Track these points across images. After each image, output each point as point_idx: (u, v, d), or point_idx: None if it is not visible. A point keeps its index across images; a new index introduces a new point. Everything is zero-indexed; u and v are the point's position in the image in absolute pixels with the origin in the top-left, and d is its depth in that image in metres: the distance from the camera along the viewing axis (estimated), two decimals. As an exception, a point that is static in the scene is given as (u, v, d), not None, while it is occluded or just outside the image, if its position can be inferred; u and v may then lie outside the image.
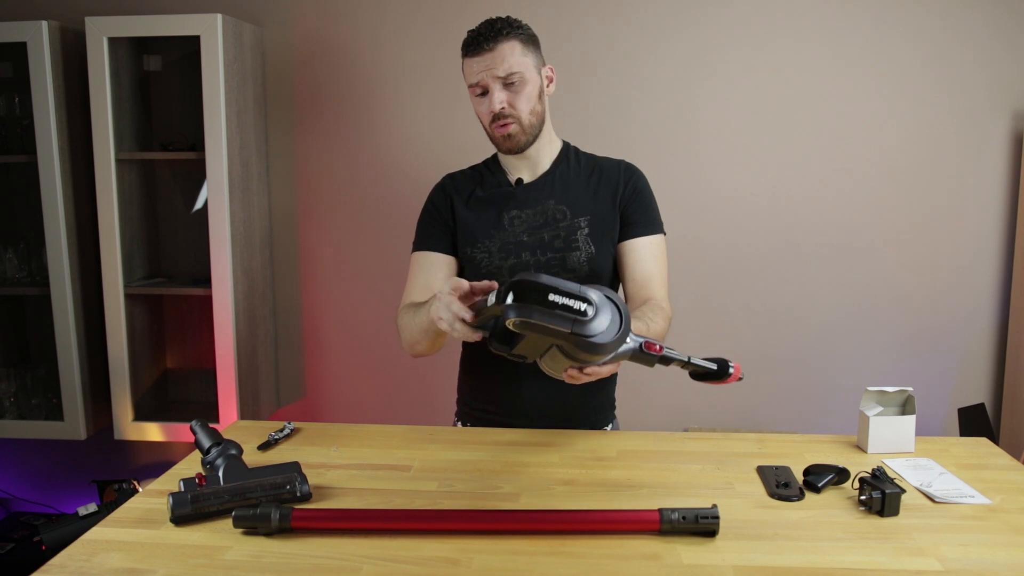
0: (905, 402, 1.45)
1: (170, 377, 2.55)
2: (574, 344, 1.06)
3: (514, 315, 1.04)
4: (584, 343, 1.05)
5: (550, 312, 1.03)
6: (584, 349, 1.06)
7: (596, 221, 1.53)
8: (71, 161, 2.27)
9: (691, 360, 1.18)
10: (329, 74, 2.39)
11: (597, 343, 1.05)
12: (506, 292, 1.07)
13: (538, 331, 1.05)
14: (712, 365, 1.19)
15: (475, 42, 1.46)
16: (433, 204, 1.61)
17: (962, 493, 1.24)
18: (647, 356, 1.15)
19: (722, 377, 1.18)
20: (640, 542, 1.08)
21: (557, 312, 1.03)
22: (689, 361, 1.17)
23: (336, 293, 2.49)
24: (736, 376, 1.18)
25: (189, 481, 1.17)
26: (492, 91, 1.47)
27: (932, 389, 2.36)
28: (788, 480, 1.27)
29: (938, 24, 2.23)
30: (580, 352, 1.08)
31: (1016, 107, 2.25)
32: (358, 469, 1.35)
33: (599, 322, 1.05)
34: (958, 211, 2.30)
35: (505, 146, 1.52)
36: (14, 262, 2.40)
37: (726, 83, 2.29)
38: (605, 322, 1.06)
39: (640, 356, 1.15)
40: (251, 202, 2.34)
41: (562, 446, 1.45)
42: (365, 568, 1.02)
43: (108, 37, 2.16)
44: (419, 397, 2.49)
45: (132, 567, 1.03)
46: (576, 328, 1.03)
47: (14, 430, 2.36)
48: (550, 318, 1.03)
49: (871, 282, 2.34)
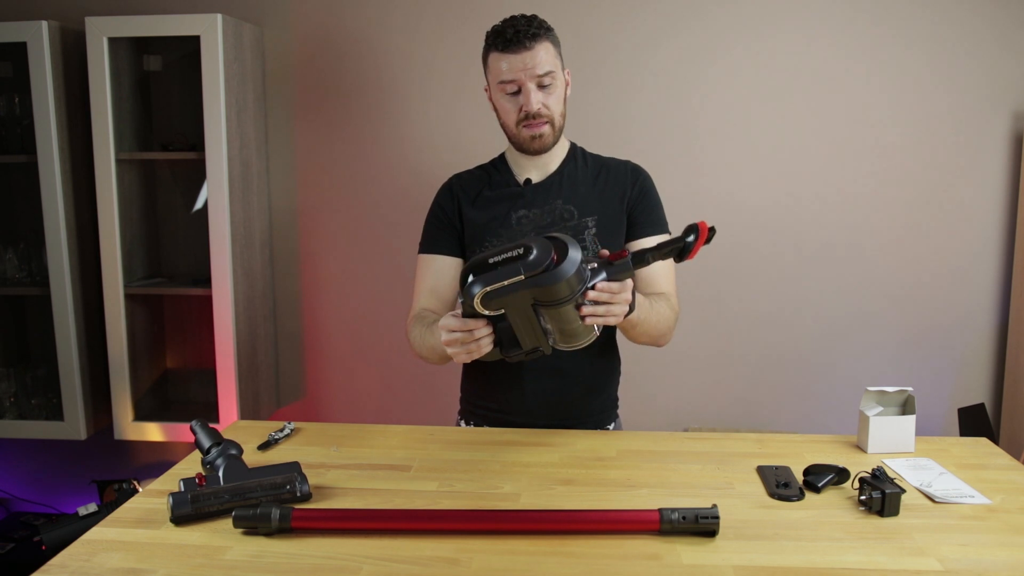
0: (905, 402, 1.45)
1: (170, 377, 2.55)
2: (536, 284, 1.13)
3: (475, 291, 1.15)
4: (540, 277, 1.13)
5: (496, 270, 1.14)
6: (546, 283, 1.13)
7: (603, 221, 1.53)
8: (71, 161, 2.27)
9: (660, 246, 1.21)
10: (329, 74, 2.39)
11: (551, 270, 1.12)
12: (461, 282, 1.18)
13: (500, 294, 1.14)
14: (679, 235, 1.21)
15: (514, 38, 1.44)
16: (440, 205, 1.61)
17: (962, 493, 1.24)
18: (621, 266, 1.20)
19: (692, 234, 1.19)
20: (640, 542, 1.08)
21: (501, 268, 1.14)
22: (659, 248, 1.20)
23: (336, 293, 2.49)
24: (705, 230, 1.18)
25: (189, 481, 1.17)
26: (528, 90, 1.46)
27: (932, 389, 2.36)
28: (788, 480, 1.27)
29: (938, 24, 2.23)
30: (549, 291, 1.14)
31: (1016, 107, 2.25)
32: (358, 469, 1.35)
33: (540, 253, 1.14)
34: (958, 211, 2.30)
35: (534, 146, 1.52)
36: (14, 262, 2.40)
37: (727, 84, 2.29)
38: (548, 250, 1.14)
39: (615, 269, 1.20)
40: (251, 202, 2.34)
41: (562, 446, 1.45)
42: (365, 568, 1.02)
43: (108, 37, 2.16)
44: (419, 397, 2.49)
45: (132, 567, 1.03)
46: (525, 269, 1.13)
47: (14, 430, 2.36)
48: (499, 275, 1.14)
49: (871, 282, 2.34)
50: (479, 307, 1.17)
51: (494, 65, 1.49)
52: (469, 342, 1.26)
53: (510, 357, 1.28)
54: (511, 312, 1.19)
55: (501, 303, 1.16)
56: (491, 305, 1.16)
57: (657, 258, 1.20)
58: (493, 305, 1.16)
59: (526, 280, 1.13)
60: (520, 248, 1.15)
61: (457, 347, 1.26)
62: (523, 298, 1.16)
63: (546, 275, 1.13)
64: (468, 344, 1.26)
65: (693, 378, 2.42)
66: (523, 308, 1.18)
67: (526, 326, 1.21)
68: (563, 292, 1.15)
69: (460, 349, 1.27)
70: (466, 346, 1.26)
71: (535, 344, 1.24)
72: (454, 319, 1.26)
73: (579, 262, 1.15)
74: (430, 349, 1.47)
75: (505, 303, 1.17)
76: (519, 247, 1.16)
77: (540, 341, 1.23)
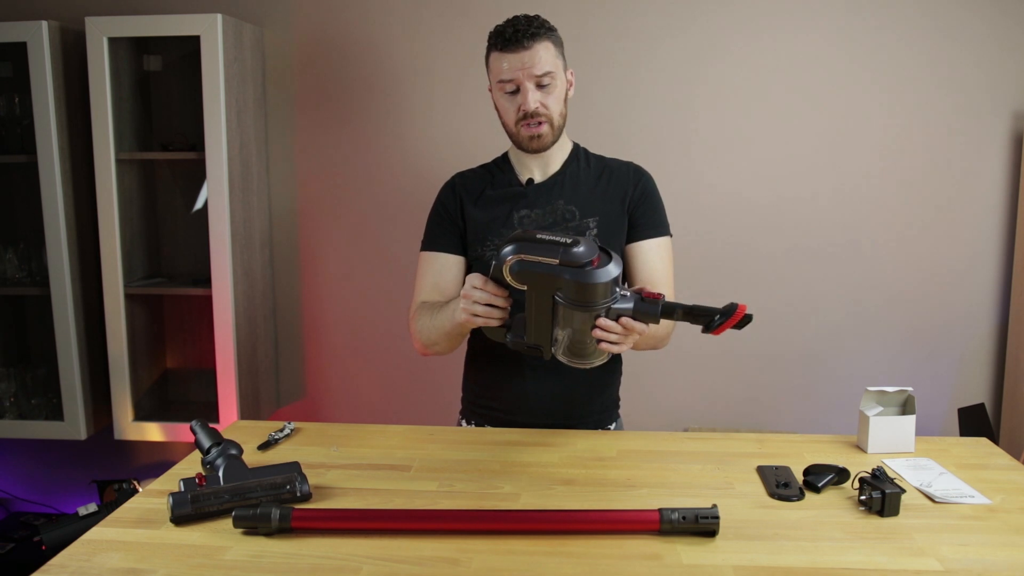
0: (905, 402, 1.45)
1: (170, 377, 2.55)
2: (566, 275, 1.13)
3: (509, 255, 1.16)
4: (573, 270, 1.13)
5: (539, 244, 1.15)
6: (575, 279, 1.13)
7: (605, 222, 1.53)
8: (71, 161, 2.27)
9: (694, 309, 1.18)
10: (329, 74, 2.39)
11: (588, 270, 1.13)
12: (505, 243, 1.20)
13: (531, 268, 1.15)
14: (716, 307, 1.18)
15: (513, 38, 1.45)
16: (442, 203, 1.61)
17: (962, 493, 1.24)
18: (650, 307, 1.19)
19: (730, 315, 1.17)
20: (640, 542, 1.08)
21: (543, 246, 1.15)
22: (692, 310, 1.18)
23: (336, 293, 2.49)
24: (742, 311, 1.16)
25: (189, 481, 1.17)
26: (526, 90, 1.46)
27: (932, 389, 2.36)
28: (788, 480, 1.27)
29: (938, 25, 2.23)
30: (575, 288, 1.14)
31: (1016, 107, 2.25)
32: (358, 469, 1.35)
33: (585, 251, 1.14)
34: (958, 211, 2.30)
35: (532, 145, 1.52)
36: (14, 262, 2.40)
37: (726, 84, 2.29)
38: (593, 252, 1.15)
39: (644, 307, 1.19)
40: (251, 202, 2.34)
41: (562, 446, 1.45)
42: (365, 568, 1.02)
43: (108, 37, 2.16)
44: (419, 397, 2.49)
45: (132, 567, 1.03)
46: (563, 255, 1.13)
47: (14, 430, 2.36)
48: (538, 250, 1.15)
49: (871, 282, 2.34)
50: (506, 272, 1.18)
51: (494, 65, 1.49)
52: (484, 302, 1.28)
53: (512, 343, 1.28)
54: (532, 294, 1.19)
55: (527, 278, 1.18)
56: (518, 277, 1.18)
57: (686, 319, 1.19)
58: (520, 277, 1.18)
59: (559, 266, 1.14)
60: (570, 239, 1.17)
61: (468, 303, 1.29)
62: (549, 284, 1.17)
63: (579, 271, 1.14)
64: (478, 305, 1.28)
65: (693, 378, 2.42)
66: (544, 296, 1.19)
67: (540, 317, 1.21)
68: (586, 296, 1.15)
69: (469, 306, 1.29)
70: (475, 305, 1.28)
71: (539, 341, 1.24)
72: (481, 277, 1.28)
73: (614, 277, 1.16)
74: (439, 330, 1.46)
75: (531, 280, 1.18)
76: (570, 237, 1.17)
77: (544, 340, 1.23)
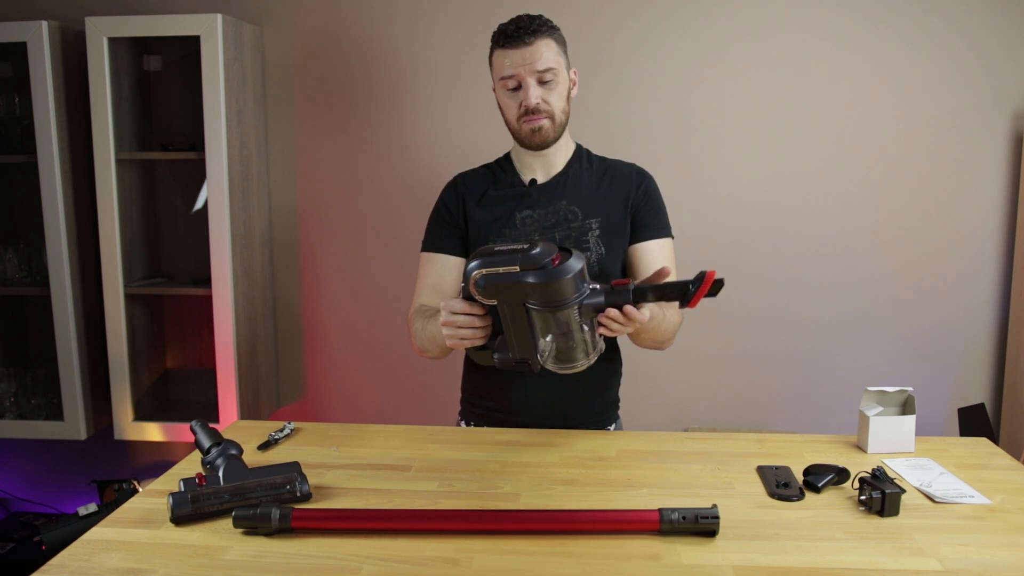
0: (905, 402, 1.45)
1: (170, 377, 2.55)
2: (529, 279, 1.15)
3: (472, 271, 1.18)
4: (535, 272, 1.15)
5: (498, 255, 1.18)
6: (539, 280, 1.15)
7: (607, 223, 1.53)
8: (71, 161, 2.27)
9: (664, 286, 1.19)
10: (329, 74, 2.39)
11: (549, 269, 1.15)
12: (468, 261, 1.22)
13: (495, 280, 1.17)
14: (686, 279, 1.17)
15: (515, 35, 1.46)
16: (444, 204, 1.61)
17: (962, 493, 1.24)
18: (620, 294, 1.20)
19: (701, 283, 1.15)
20: (640, 542, 1.08)
21: (502, 256, 1.18)
22: (663, 287, 1.19)
23: (336, 293, 2.49)
24: (711, 277, 1.14)
25: (189, 481, 1.17)
26: (528, 86, 1.47)
27: (932, 389, 2.36)
28: (788, 480, 1.27)
29: (938, 24, 2.23)
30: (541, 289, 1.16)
31: (1016, 107, 2.25)
32: (358, 469, 1.35)
33: (542, 252, 1.16)
34: (958, 211, 2.30)
35: (534, 140, 1.52)
36: (14, 262, 2.40)
37: (726, 84, 2.29)
38: (551, 252, 1.17)
39: (614, 295, 1.20)
40: (251, 202, 2.34)
41: (562, 446, 1.45)
42: (365, 568, 1.02)
43: (108, 37, 2.16)
44: (420, 397, 2.49)
45: (132, 567, 1.03)
46: (522, 261, 1.15)
47: (14, 430, 2.36)
48: (498, 262, 1.17)
49: (871, 282, 2.34)
50: (473, 290, 1.19)
51: (497, 62, 1.50)
52: (463, 326, 1.26)
53: (500, 362, 1.28)
54: (504, 308, 1.20)
55: (494, 291, 1.18)
56: (485, 292, 1.19)
57: (659, 298, 1.19)
58: (487, 292, 1.18)
59: (521, 271, 1.15)
60: (526, 244, 1.18)
61: (451, 328, 1.27)
62: (516, 292, 1.17)
63: (542, 271, 1.14)
64: (462, 329, 1.27)
65: (693, 378, 2.42)
66: (516, 307, 1.19)
67: (517, 329, 1.22)
68: (554, 295, 1.16)
69: (452, 331, 1.27)
70: (459, 329, 1.27)
71: (524, 355, 1.24)
72: (458, 300, 1.27)
73: (577, 271, 1.16)
74: (431, 339, 1.48)
75: (499, 292, 1.18)
76: (526, 243, 1.19)
77: (529, 353, 1.24)
